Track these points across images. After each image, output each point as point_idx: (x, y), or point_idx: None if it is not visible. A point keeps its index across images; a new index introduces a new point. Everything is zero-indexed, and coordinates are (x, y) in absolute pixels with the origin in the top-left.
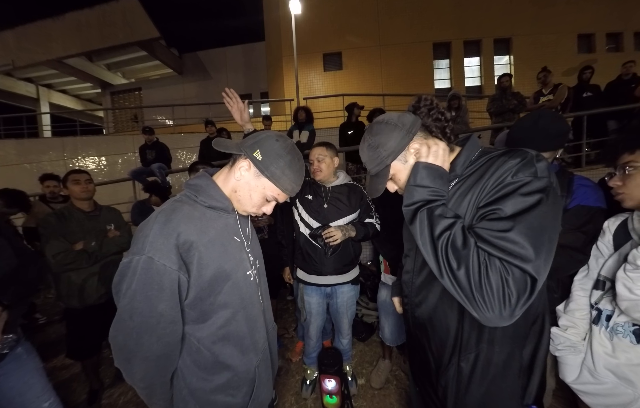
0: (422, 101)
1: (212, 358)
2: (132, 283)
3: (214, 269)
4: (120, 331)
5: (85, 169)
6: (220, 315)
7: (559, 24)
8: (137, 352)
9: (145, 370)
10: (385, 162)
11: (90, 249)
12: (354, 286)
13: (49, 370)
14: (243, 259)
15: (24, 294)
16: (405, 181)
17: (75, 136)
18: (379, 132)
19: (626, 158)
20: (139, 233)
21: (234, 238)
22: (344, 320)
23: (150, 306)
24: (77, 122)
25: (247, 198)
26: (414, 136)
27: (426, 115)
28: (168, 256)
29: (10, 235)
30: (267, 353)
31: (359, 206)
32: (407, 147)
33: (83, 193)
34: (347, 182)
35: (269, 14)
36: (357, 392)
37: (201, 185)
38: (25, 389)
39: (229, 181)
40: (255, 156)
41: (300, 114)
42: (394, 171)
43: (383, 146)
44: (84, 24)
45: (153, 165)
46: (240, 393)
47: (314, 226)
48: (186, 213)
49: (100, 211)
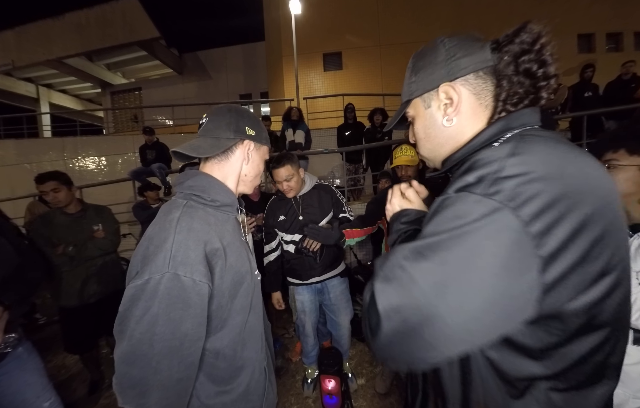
0: (523, 33)
1: (230, 366)
2: (152, 306)
3: (232, 274)
4: (136, 364)
5: (55, 171)
6: (237, 320)
7: (559, 24)
8: (154, 384)
9: (162, 399)
10: (409, 94)
11: (69, 253)
12: (342, 279)
13: (49, 369)
14: (250, 259)
15: (26, 294)
16: (417, 132)
17: (75, 136)
18: (423, 56)
19: (609, 155)
20: (153, 249)
21: (241, 239)
22: (342, 316)
23: (174, 328)
24: (77, 122)
25: (257, 174)
26: (451, 84)
27: (511, 60)
28: (197, 269)
29: (12, 235)
30: (268, 350)
31: (331, 205)
32: (438, 88)
33: (54, 203)
34: (315, 184)
35: (269, 14)
36: (357, 387)
37: (205, 185)
38: (25, 389)
39: (233, 171)
40: (251, 134)
41: (293, 112)
42: (413, 112)
43: (417, 72)
44: (84, 24)
45: (153, 165)
46: (258, 397)
47: (297, 239)
48: (202, 217)
49: (86, 211)
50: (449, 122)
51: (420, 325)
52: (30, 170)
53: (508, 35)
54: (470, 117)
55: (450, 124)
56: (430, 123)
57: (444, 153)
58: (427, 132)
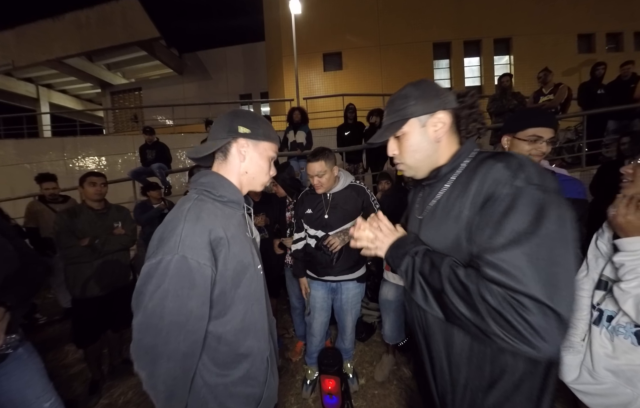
0: (469, 96)
1: (231, 351)
2: (163, 282)
3: (235, 263)
4: (148, 333)
5: (95, 170)
6: (239, 308)
7: (559, 24)
8: (164, 353)
9: (169, 370)
10: (406, 114)
11: (95, 246)
12: (359, 284)
13: (49, 369)
14: (254, 254)
15: (27, 295)
16: (410, 146)
17: (75, 136)
18: (420, 88)
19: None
20: (167, 233)
21: (246, 234)
22: (348, 318)
23: (181, 304)
24: (77, 122)
25: (259, 170)
26: (445, 112)
27: (467, 107)
28: (202, 253)
29: (12, 235)
30: (271, 343)
31: (360, 208)
32: (435, 113)
33: (96, 195)
34: (349, 184)
35: (269, 14)
36: (358, 388)
37: (215, 182)
38: (26, 389)
39: (233, 169)
40: (245, 132)
41: (295, 114)
42: (408, 129)
43: (415, 98)
44: (83, 24)
45: (153, 165)
46: (258, 383)
47: (320, 236)
48: (210, 209)
49: (109, 209)
50: (437, 140)
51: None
52: (30, 170)
53: (460, 94)
54: (449, 138)
55: (439, 142)
56: (423, 139)
57: (426, 164)
58: (420, 146)
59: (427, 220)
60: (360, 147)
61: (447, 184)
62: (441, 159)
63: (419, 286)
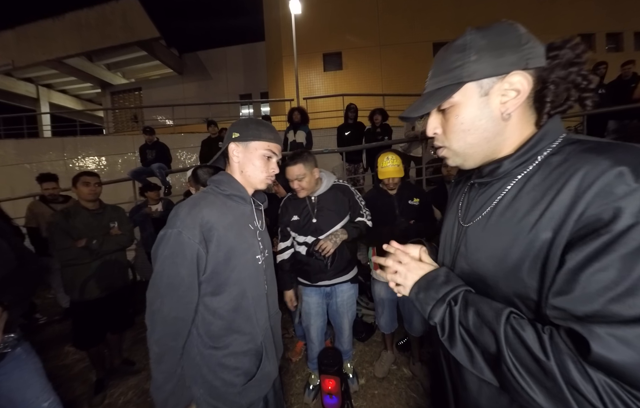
0: (569, 47)
1: (224, 325)
2: (165, 249)
3: (229, 247)
4: (153, 288)
5: (91, 170)
6: (233, 289)
7: (559, 24)
8: (160, 310)
9: (162, 331)
10: (460, 76)
11: (92, 247)
12: (353, 284)
13: (49, 369)
14: (254, 244)
15: (24, 294)
16: (461, 123)
17: (75, 136)
18: (488, 35)
19: None
20: (174, 213)
21: (249, 226)
22: (344, 320)
23: (176, 270)
24: (77, 122)
25: (253, 168)
26: (524, 73)
27: (563, 65)
28: (192, 232)
29: (9, 235)
30: (269, 332)
31: (348, 208)
32: (507, 76)
33: (90, 195)
34: (332, 184)
35: (269, 14)
36: (358, 388)
37: (222, 179)
38: (24, 389)
39: (234, 170)
40: (235, 136)
41: (295, 115)
42: (460, 98)
43: (478, 51)
44: (83, 24)
45: (153, 165)
46: (247, 360)
47: (310, 242)
48: (210, 200)
49: (105, 209)
50: (506, 117)
51: None
52: (30, 170)
53: (553, 45)
54: (522, 115)
55: (507, 120)
56: (483, 114)
57: (482, 150)
58: (475, 124)
59: (475, 231)
60: (361, 147)
61: (510, 184)
62: (506, 145)
63: (461, 343)
